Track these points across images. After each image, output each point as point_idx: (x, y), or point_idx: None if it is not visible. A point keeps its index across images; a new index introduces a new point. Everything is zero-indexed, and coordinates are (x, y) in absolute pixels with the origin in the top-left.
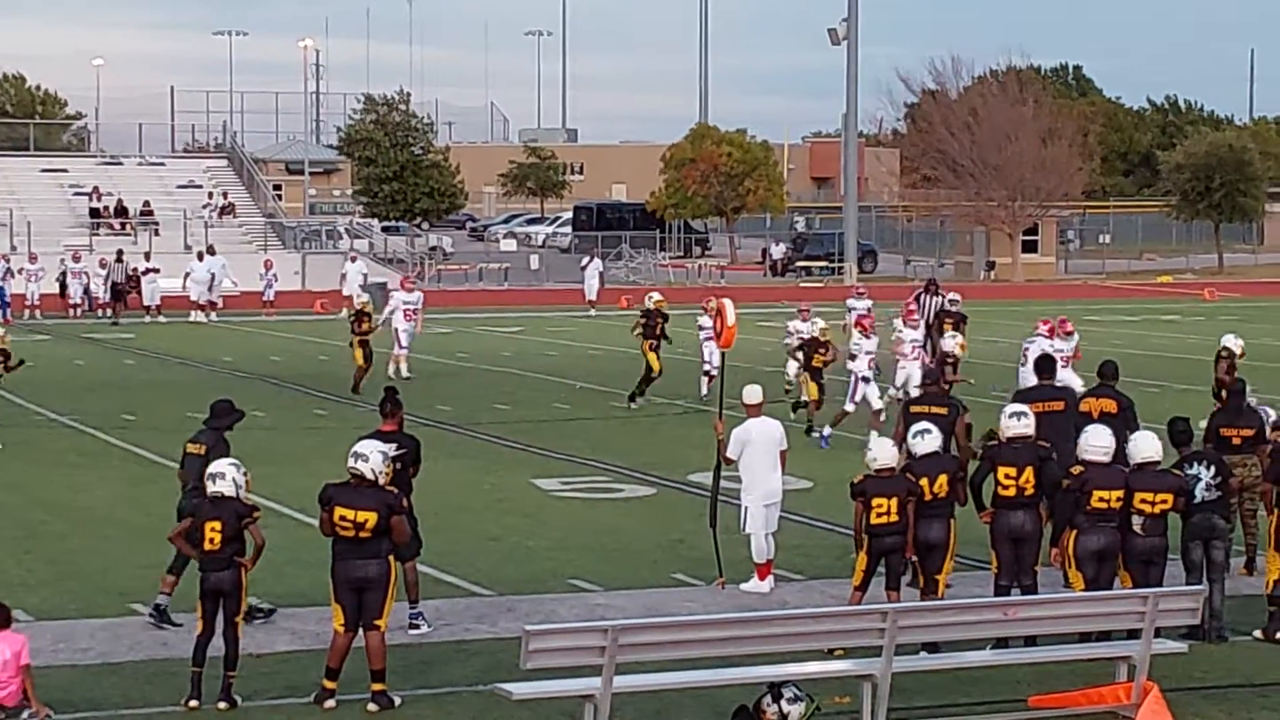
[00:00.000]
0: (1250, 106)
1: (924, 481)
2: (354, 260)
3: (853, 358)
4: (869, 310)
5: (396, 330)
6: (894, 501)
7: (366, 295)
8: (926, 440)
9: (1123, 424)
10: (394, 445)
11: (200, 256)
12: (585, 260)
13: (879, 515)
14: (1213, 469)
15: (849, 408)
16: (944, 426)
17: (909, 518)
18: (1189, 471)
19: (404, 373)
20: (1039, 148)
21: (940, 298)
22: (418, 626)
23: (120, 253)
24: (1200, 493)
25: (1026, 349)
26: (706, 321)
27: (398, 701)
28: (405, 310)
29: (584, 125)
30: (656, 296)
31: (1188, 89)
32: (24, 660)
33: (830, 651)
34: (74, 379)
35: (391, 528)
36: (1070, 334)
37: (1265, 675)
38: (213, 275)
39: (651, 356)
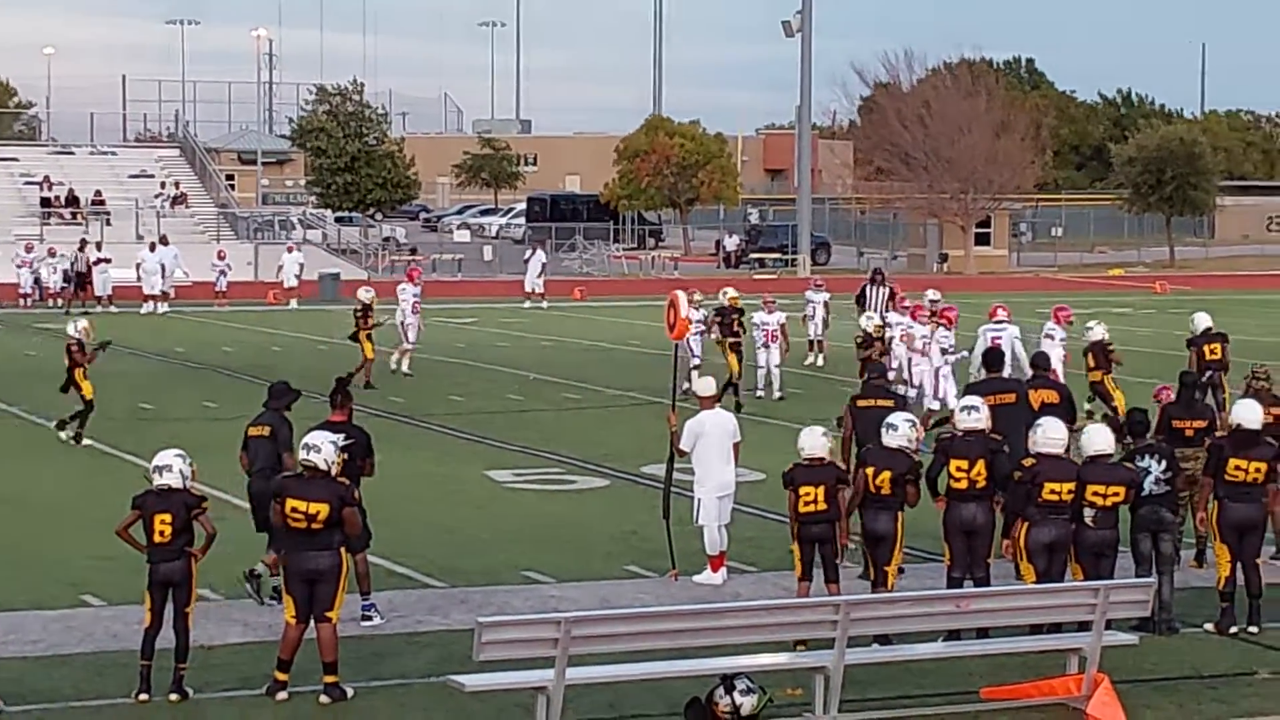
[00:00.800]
0: (1202, 100)
1: (869, 471)
2: (291, 251)
3: (924, 353)
4: (936, 303)
5: (404, 325)
6: (821, 490)
7: (372, 291)
8: (891, 436)
9: (1064, 414)
10: (342, 436)
11: (152, 247)
12: (529, 252)
13: (806, 504)
14: (1163, 463)
15: (933, 405)
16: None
17: (840, 507)
18: (1140, 464)
19: (405, 369)
20: (992, 140)
21: (886, 288)
22: (370, 619)
23: (84, 242)
24: (1149, 486)
25: (1050, 334)
26: (696, 314)
27: (350, 693)
28: (415, 303)
29: (538, 116)
30: (731, 292)
31: (1139, 82)
32: None
33: (796, 645)
34: (25, 369)
35: (343, 519)
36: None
37: (1215, 667)
38: (163, 265)
39: (731, 358)
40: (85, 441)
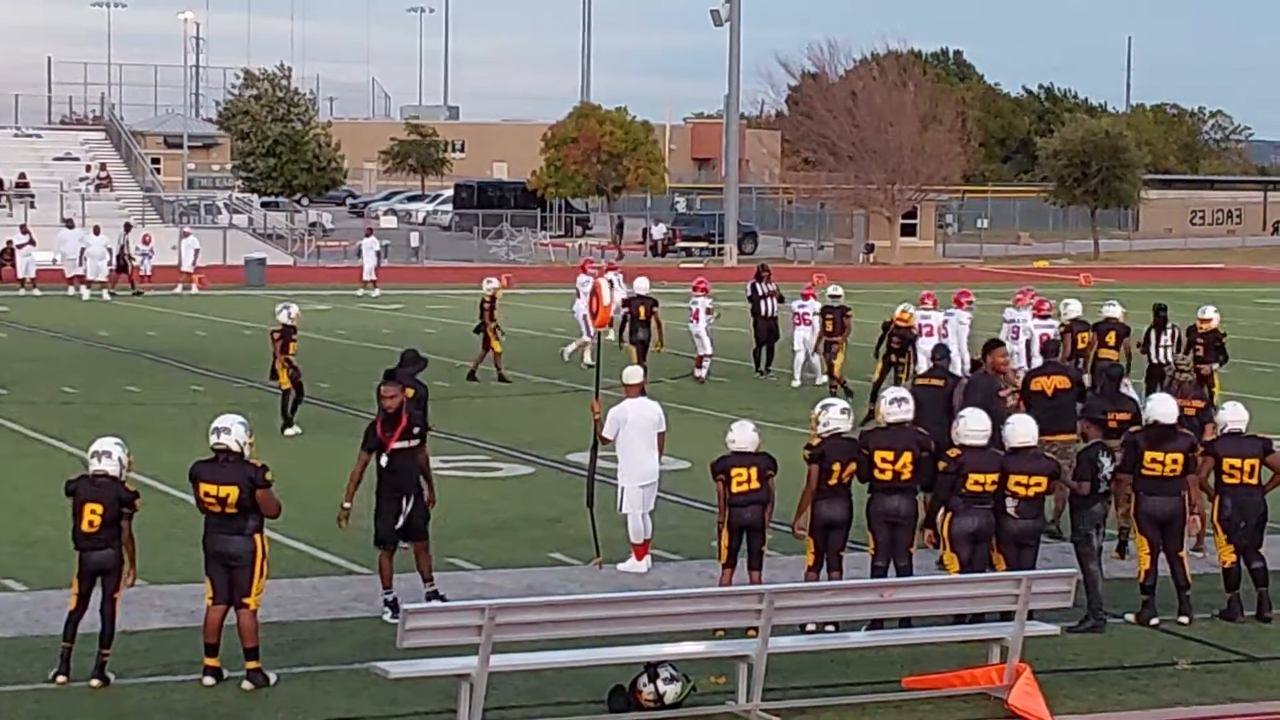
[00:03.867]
0: (1127, 94)
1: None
2: (186, 236)
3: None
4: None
5: (696, 336)
6: (753, 470)
7: (496, 281)
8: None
9: (1076, 398)
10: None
11: (70, 225)
12: (363, 237)
13: (739, 484)
14: (1111, 460)
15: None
16: None
17: (770, 492)
18: (1101, 460)
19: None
20: (919, 132)
21: (772, 285)
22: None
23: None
24: (1103, 484)
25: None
26: (705, 303)
27: (273, 679)
28: (696, 312)
29: (465, 103)
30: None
31: (1065, 76)
32: None
33: (714, 633)
34: None
35: (258, 502)
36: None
37: (1135, 658)
38: (83, 250)
39: (632, 350)
40: (289, 431)
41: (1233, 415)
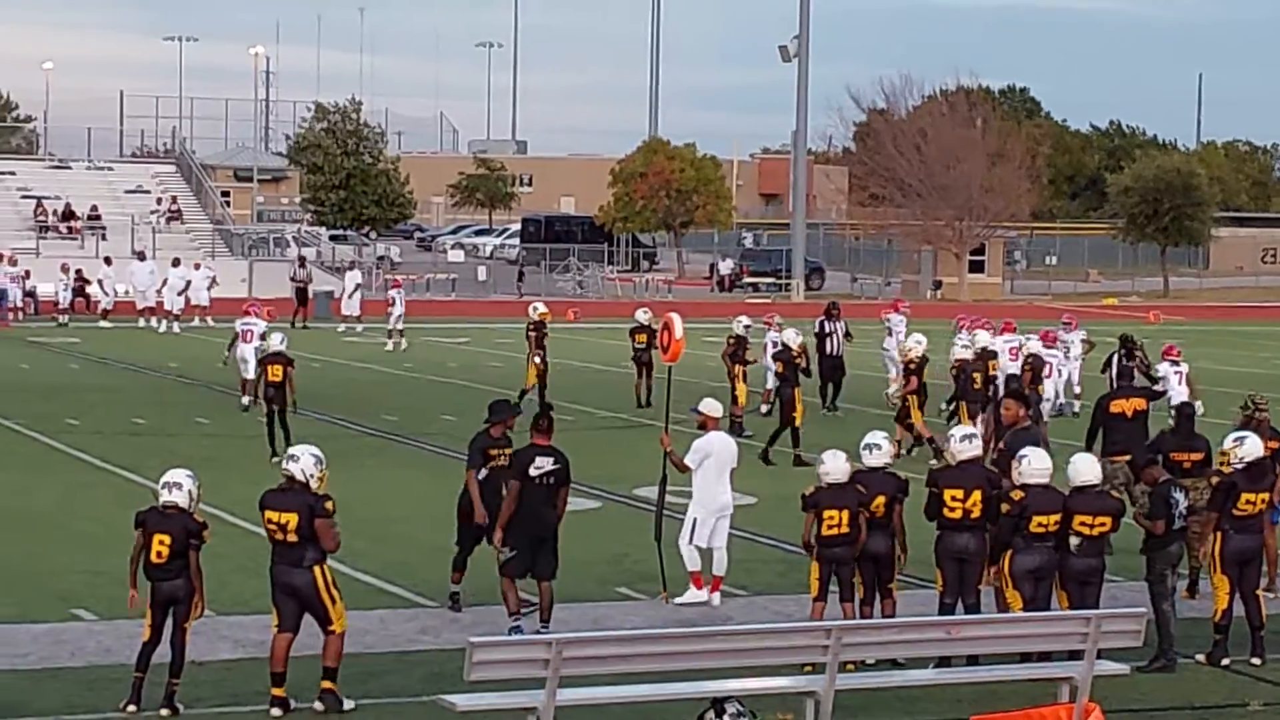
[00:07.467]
0: (1198, 130)
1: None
2: (197, 268)
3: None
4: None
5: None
6: (845, 514)
7: (542, 306)
8: (875, 456)
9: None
10: (550, 460)
11: (141, 257)
12: (346, 267)
13: (830, 527)
14: (1186, 496)
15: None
16: None
17: (860, 529)
18: (1174, 496)
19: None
20: (987, 168)
21: (842, 322)
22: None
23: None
24: (1178, 520)
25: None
26: (775, 336)
27: (348, 705)
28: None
29: (533, 137)
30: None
31: (1134, 113)
32: None
33: (803, 668)
34: (18, 382)
35: (315, 531)
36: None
37: (1205, 698)
38: (165, 280)
39: (741, 386)
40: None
41: None
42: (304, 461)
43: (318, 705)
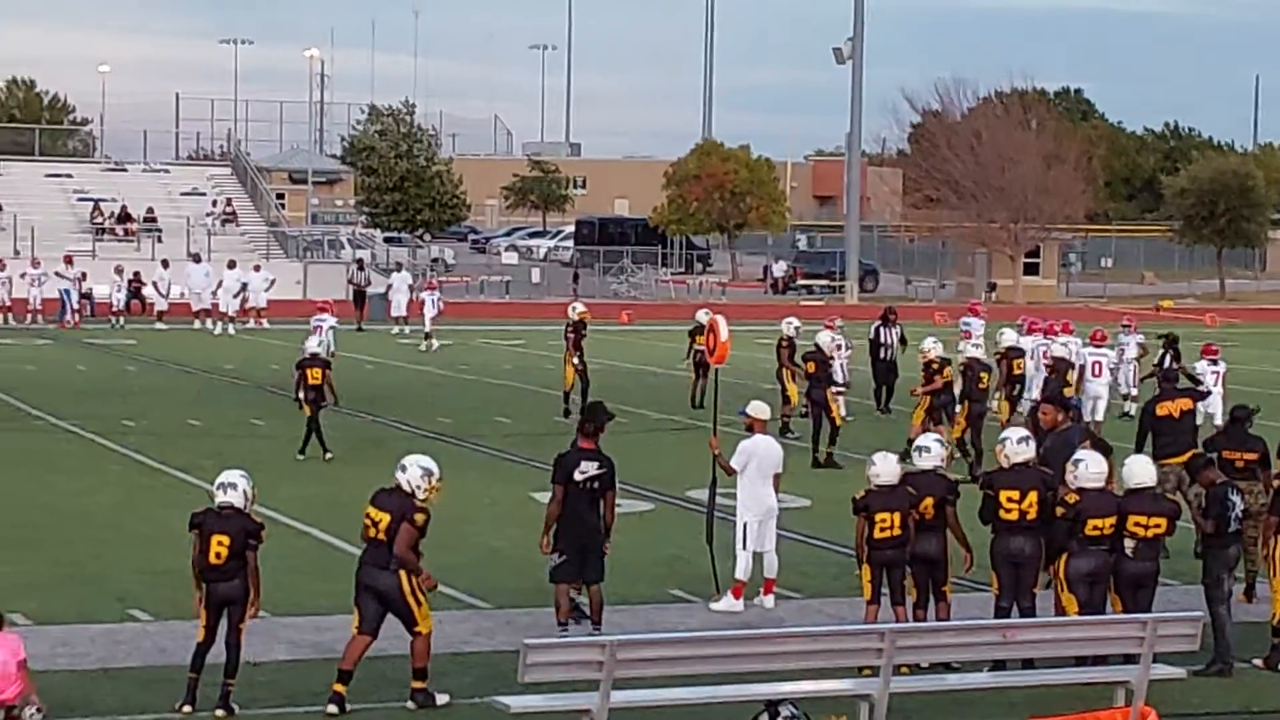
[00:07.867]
0: (1255, 132)
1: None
2: (256, 270)
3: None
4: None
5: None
6: (897, 516)
7: (581, 305)
8: (925, 458)
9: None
10: (595, 464)
11: (196, 259)
12: (394, 269)
13: (882, 530)
14: (1243, 499)
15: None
16: None
17: (910, 531)
18: (1231, 498)
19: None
20: (1042, 170)
21: (898, 327)
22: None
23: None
24: (1234, 522)
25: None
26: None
27: (441, 699)
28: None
29: (587, 139)
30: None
31: (1189, 115)
32: (20, 656)
33: (862, 670)
34: (75, 384)
35: (398, 533)
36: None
37: (1263, 703)
38: (220, 282)
39: (793, 387)
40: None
41: None
42: (410, 472)
43: (410, 705)
